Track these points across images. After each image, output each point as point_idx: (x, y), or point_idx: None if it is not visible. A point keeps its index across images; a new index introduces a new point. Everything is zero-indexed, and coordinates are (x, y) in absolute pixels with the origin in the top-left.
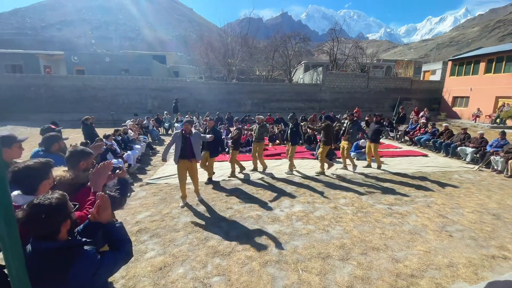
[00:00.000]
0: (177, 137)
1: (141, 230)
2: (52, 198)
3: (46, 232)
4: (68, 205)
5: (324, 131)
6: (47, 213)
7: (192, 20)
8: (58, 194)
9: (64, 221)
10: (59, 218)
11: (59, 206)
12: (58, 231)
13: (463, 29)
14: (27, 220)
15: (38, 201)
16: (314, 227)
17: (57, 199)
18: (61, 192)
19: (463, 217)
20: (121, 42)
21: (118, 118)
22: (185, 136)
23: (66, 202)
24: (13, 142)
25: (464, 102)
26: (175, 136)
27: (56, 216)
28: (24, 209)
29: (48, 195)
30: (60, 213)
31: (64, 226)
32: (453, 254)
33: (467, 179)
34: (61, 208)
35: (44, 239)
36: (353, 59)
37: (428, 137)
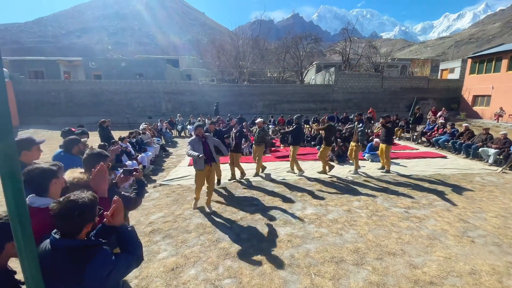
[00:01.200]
0: (196, 142)
1: (154, 231)
2: (86, 197)
3: (70, 229)
4: (96, 207)
5: (326, 132)
6: (80, 211)
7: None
8: (90, 194)
9: (90, 222)
10: (88, 218)
11: (92, 205)
12: (80, 230)
13: (483, 25)
14: (59, 214)
15: (75, 197)
16: (327, 230)
17: (91, 198)
18: (93, 193)
19: (486, 222)
20: (136, 47)
21: (133, 121)
22: (201, 141)
23: (96, 203)
24: (33, 145)
25: (485, 101)
26: (193, 142)
27: (86, 215)
28: (59, 202)
29: (83, 194)
30: (90, 213)
31: (87, 227)
32: (475, 261)
33: (489, 182)
34: (93, 208)
35: (64, 237)
36: (367, 59)
37: (447, 137)
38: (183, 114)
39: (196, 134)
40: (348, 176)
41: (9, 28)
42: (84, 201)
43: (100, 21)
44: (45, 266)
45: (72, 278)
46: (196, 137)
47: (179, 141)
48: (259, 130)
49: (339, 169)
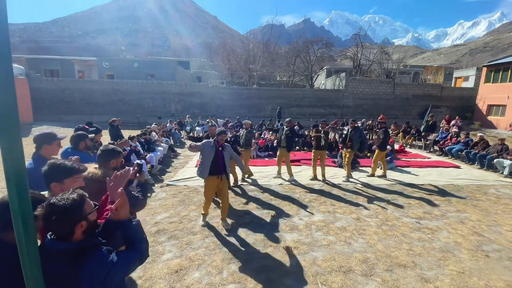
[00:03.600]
0: (209, 147)
1: (160, 231)
2: (68, 199)
3: (58, 233)
4: (84, 207)
5: (316, 138)
6: (60, 215)
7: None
8: (75, 195)
9: (78, 222)
10: (71, 220)
11: (73, 208)
12: (71, 232)
13: (498, 34)
14: (43, 218)
15: (54, 201)
16: (334, 238)
17: (73, 200)
18: (80, 193)
19: (501, 235)
20: (148, 49)
21: (143, 121)
22: (217, 149)
23: (82, 204)
24: (54, 140)
25: (500, 111)
26: (207, 146)
27: (68, 218)
28: (42, 207)
29: (65, 195)
30: (73, 216)
31: (79, 227)
32: (490, 276)
33: (505, 194)
34: (75, 210)
35: (58, 239)
36: (378, 65)
37: (460, 147)
38: (192, 116)
39: (215, 139)
40: (358, 182)
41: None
42: (63, 203)
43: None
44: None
45: (68, 281)
46: (213, 142)
47: (187, 142)
48: (246, 132)
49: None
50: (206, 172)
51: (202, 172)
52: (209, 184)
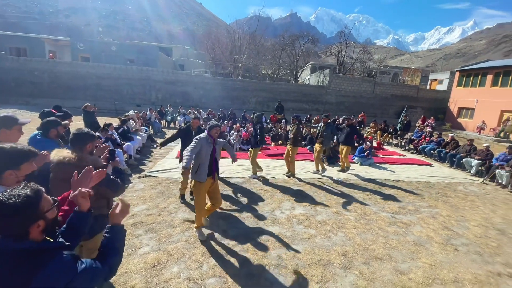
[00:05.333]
0: (207, 144)
1: (136, 224)
2: (19, 196)
3: (10, 233)
4: (40, 205)
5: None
6: (9, 214)
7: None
8: (29, 191)
9: (33, 223)
10: (25, 221)
11: (26, 207)
12: (26, 232)
13: (471, 41)
14: None
15: (3, 198)
16: (315, 232)
17: (25, 197)
18: (34, 188)
19: (469, 230)
20: (128, 32)
21: (120, 108)
22: (212, 144)
23: (37, 200)
24: (14, 124)
25: (469, 114)
26: (204, 142)
27: (20, 219)
28: None
29: (17, 190)
30: (26, 216)
31: (35, 228)
32: (458, 269)
33: (472, 192)
34: (29, 209)
35: (12, 238)
36: (361, 63)
37: (433, 146)
38: (174, 105)
39: (209, 134)
40: (338, 178)
41: None
42: (14, 202)
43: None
44: None
45: (17, 283)
46: (208, 137)
47: (168, 132)
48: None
49: (329, 171)
50: (205, 174)
51: (200, 176)
52: (204, 188)
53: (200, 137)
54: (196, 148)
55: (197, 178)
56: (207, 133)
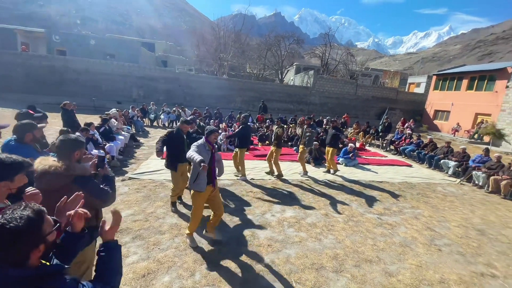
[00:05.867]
0: (205, 151)
1: (123, 231)
2: (21, 219)
3: (9, 259)
4: (43, 227)
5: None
6: (10, 241)
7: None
8: (30, 212)
9: (34, 247)
10: (26, 246)
11: (28, 230)
12: (26, 258)
13: (446, 46)
14: None
15: (4, 221)
16: (306, 235)
17: (28, 220)
18: (36, 209)
19: (450, 231)
20: (107, 25)
21: (100, 105)
22: (211, 151)
23: (40, 223)
24: None
25: (445, 116)
26: (203, 149)
27: (22, 245)
28: None
29: (18, 212)
30: (28, 240)
31: (35, 252)
32: (443, 270)
33: (450, 192)
34: (31, 233)
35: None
36: (344, 65)
37: (412, 147)
38: (157, 103)
39: (207, 140)
40: (325, 179)
41: None
42: (16, 225)
43: None
44: None
45: None
46: (206, 143)
47: (151, 131)
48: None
49: (315, 172)
50: (204, 183)
51: (199, 185)
52: (203, 198)
53: (198, 144)
54: (196, 152)
55: (195, 187)
56: (205, 140)
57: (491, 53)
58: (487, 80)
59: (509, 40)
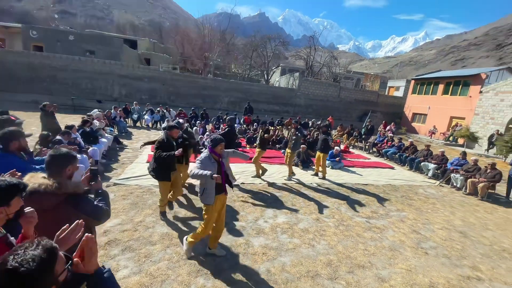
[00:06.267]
0: (210, 163)
1: (111, 242)
2: (33, 261)
3: None
4: (55, 268)
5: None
6: (23, 285)
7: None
8: (43, 252)
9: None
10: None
11: (41, 274)
12: None
13: (422, 50)
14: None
15: (11, 266)
16: (299, 241)
17: (41, 261)
18: (48, 246)
19: (434, 233)
20: (87, 20)
21: (79, 104)
22: (218, 162)
23: (53, 264)
24: None
25: (422, 119)
26: (206, 162)
27: (37, 285)
28: None
29: (29, 252)
30: (40, 284)
31: None
32: (432, 273)
33: (431, 194)
34: (44, 276)
35: None
36: (327, 68)
37: (394, 150)
38: (140, 102)
39: (212, 151)
40: (314, 182)
41: None
42: (28, 268)
43: None
44: None
45: None
46: (210, 154)
47: (134, 132)
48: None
49: (304, 175)
50: (212, 196)
51: (207, 198)
52: (215, 209)
53: (202, 158)
54: (201, 168)
55: (204, 201)
56: (209, 151)
57: (464, 59)
58: (462, 85)
59: (481, 46)
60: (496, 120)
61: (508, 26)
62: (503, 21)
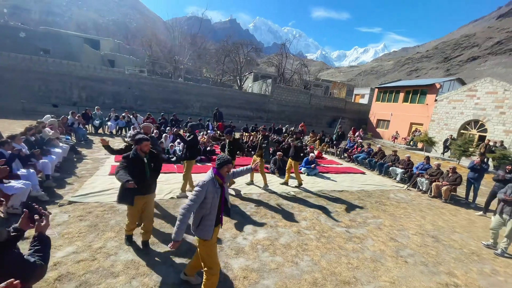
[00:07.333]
0: (214, 189)
1: (63, 277)
2: None
3: None
4: None
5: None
6: None
7: (133, 7)
8: None
9: None
10: None
11: None
12: None
13: (381, 61)
14: None
15: None
16: (282, 259)
17: None
18: None
19: (410, 240)
20: (42, 17)
21: (30, 108)
22: (222, 187)
23: None
24: None
25: (385, 125)
26: (210, 187)
27: None
28: None
29: None
30: None
31: None
32: (413, 284)
33: (401, 199)
34: None
35: None
36: (298, 75)
37: (364, 155)
38: (103, 107)
39: (218, 173)
40: (291, 191)
41: None
42: None
43: None
44: None
45: None
46: (214, 177)
47: (96, 140)
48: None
49: (280, 184)
50: (211, 228)
51: (204, 231)
52: (213, 244)
53: (204, 182)
54: (197, 202)
55: (200, 235)
56: (214, 173)
57: (418, 69)
58: (420, 94)
59: (431, 59)
60: (450, 126)
61: (454, 41)
62: (450, 36)
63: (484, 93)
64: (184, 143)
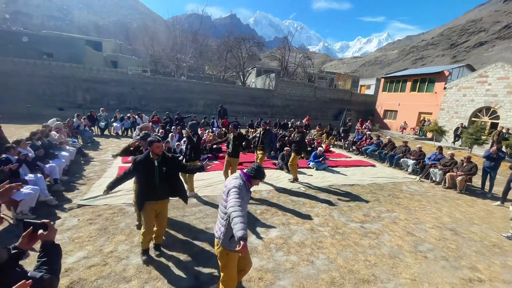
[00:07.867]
0: (247, 193)
1: (74, 284)
2: None
3: None
4: None
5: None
6: None
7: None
8: None
9: None
10: None
11: None
12: None
13: (385, 51)
14: None
15: None
16: (297, 258)
17: None
18: None
19: (427, 233)
20: (43, 21)
21: (36, 112)
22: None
23: None
24: None
25: (393, 115)
26: (244, 192)
27: None
28: None
29: None
30: None
31: None
32: (436, 280)
33: (415, 191)
34: None
35: None
36: (302, 68)
37: (373, 148)
38: (107, 108)
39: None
40: (300, 186)
41: None
42: None
43: None
44: None
45: None
46: (246, 182)
47: (102, 141)
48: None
49: (289, 179)
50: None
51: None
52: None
53: (240, 186)
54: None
55: (231, 246)
56: (245, 178)
57: (423, 57)
58: (428, 82)
59: (437, 46)
60: (460, 114)
61: (460, 26)
62: (456, 22)
63: (495, 79)
64: (192, 145)
